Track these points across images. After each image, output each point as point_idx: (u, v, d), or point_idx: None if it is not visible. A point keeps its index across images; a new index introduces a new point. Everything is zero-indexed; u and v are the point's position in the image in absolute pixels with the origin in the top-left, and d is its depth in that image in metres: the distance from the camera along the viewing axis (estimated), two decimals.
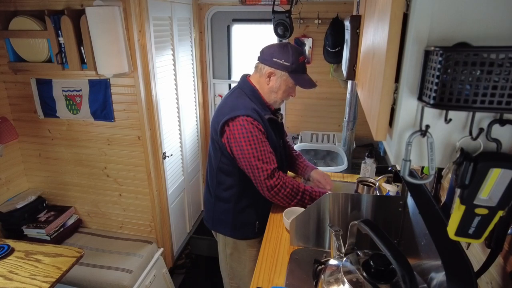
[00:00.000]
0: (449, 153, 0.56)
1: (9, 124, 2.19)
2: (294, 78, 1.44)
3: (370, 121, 0.75)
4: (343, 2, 2.49)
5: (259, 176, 1.42)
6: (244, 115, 1.40)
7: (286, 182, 1.46)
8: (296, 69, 1.43)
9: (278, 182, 1.44)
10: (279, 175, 1.45)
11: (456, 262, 0.76)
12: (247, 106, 1.44)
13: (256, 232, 1.63)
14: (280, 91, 1.48)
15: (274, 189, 1.44)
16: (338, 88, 2.72)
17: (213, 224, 1.70)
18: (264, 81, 1.49)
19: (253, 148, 1.40)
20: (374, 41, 0.77)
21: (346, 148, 2.50)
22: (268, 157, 1.42)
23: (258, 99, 1.51)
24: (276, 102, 1.53)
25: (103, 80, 2.04)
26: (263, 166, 1.41)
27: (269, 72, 1.46)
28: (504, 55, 0.44)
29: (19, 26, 1.93)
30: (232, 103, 1.49)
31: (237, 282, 1.75)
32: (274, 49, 1.46)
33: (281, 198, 1.47)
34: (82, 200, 2.43)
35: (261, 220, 1.61)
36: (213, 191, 1.64)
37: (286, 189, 1.46)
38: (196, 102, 2.87)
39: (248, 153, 1.40)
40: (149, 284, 2.18)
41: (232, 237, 1.65)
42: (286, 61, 1.42)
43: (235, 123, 1.41)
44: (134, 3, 1.88)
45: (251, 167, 1.42)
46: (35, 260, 1.60)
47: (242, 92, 1.52)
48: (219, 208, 1.63)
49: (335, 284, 0.86)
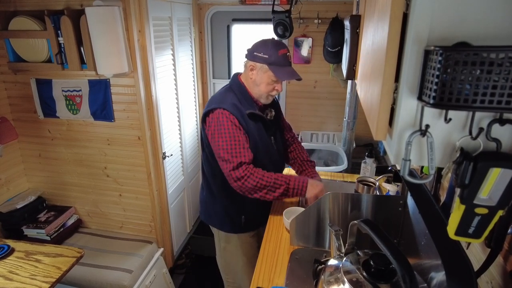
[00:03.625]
0: (449, 153, 0.56)
1: (9, 124, 2.19)
2: (273, 70, 1.46)
3: (370, 120, 0.75)
4: (343, 2, 2.49)
5: (226, 168, 1.44)
6: (221, 108, 1.45)
7: (253, 172, 1.43)
8: (275, 61, 1.46)
9: (245, 174, 1.42)
10: (247, 167, 1.43)
11: (456, 261, 0.77)
12: (225, 100, 1.49)
13: (242, 227, 1.65)
14: (262, 84, 1.50)
15: (241, 180, 1.42)
16: (338, 88, 2.73)
17: (205, 216, 1.74)
18: (248, 75, 1.53)
19: (223, 141, 1.43)
20: (374, 40, 0.77)
21: (346, 148, 2.50)
22: (239, 152, 1.43)
23: (244, 94, 1.54)
24: (261, 97, 1.54)
25: (103, 80, 2.04)
26: (229, 158, 1.42)
27: (251, 65, 1.51)
28: (504, 55, 0.44)
29: (19, 26, 1.93)
30: (213, 98, 1.56)
31: (232, 276, 1.76)
32: (256, 45, 1.52)
33: (249, 187, 1.43)
34: (82, 200, 2.43)
35: (247, 215, 1.63)
36: (204, 184, 1.70)
37: (253, 179, 1.42)
38: (196, 102, 2.87)
39: (218, 145, 1.44)
40: (149, 284, 2.18)
41: (221, 230, 1.69)
42: (265, 54, 1.46)
43: (213, 116, 1.46)
44: (134, 3, 1.88)
45: (220, 158, 1.46)
46: (35, 260, 1.60)
47: (229, 89, 1.57)
48: (209, 200, 1.68)
49: (335, 284, 0.86)
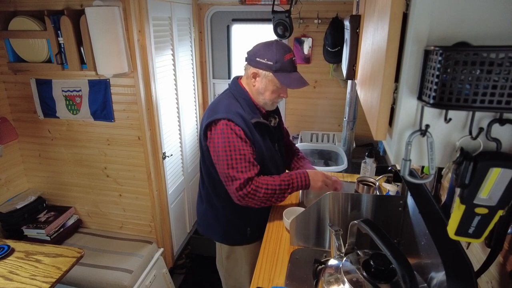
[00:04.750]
0: (449, 153, 0.56)
1: (9, 124, 2.19)
2: (279, 77, 1.34)
3: (370, 120, 0.75)
4: (343, 2, 2.49)
5: (231, 185, 1.34)
6: (225, 119, 1.33)
7: (258, 185, 1.35)
8: (281, 67, 1.34)
9: (250, 190, 1.34)
10: (252, 182, 1.35)
11: (456, 261, 0.77)
12: (229, 109, 1.36)
13: (248, 239, 1.57)
14: (267, 92, 1.39)
15: (248, 196, 1.35)
16: (338, 88, 2.73)
17: (204, 228, 1.65)
18: (250, 82, 1.42)
19: (227, 156, 1.32)
20: (374, 40, 0.77)
21: (346, 148, 2.50)
22: (245, 166, 1.33)
23: (247, 101, 1.43)
24: (266, 104, 1.44)
25: (102, 80, 2.04)
26: (235, 175, 1.32)
27: (253, 72, 1.38)
28: (504, 55, 0.44)
29: (18, 26, 1.93)
30: (215, 106, 1.43)
31: (233, 282, 1.73)
32: (258, 48, 1.38)
33: (258, 201, 1.38)
34: (82, 200, 2.43)
35: (253, 227, 1.55)
36: (204, 195, 1.59)
37: (260, 192, 1.36)
38: (196, 102, 2.87)
39: (223, 161, 1.33)
40: (149, 284, 2.18)
41: (224, 243, 1.61)
42: (269, 60, 1.33)
43: (217, 128, 1.34)
44: (134, 3, 1.88)
45: (224, 174, 1.36)
46: (35, 260, 1.60)
47: (230, 94, 1.45)
48: (210, 213, 1.58)
49: (335, 284, 0.86)
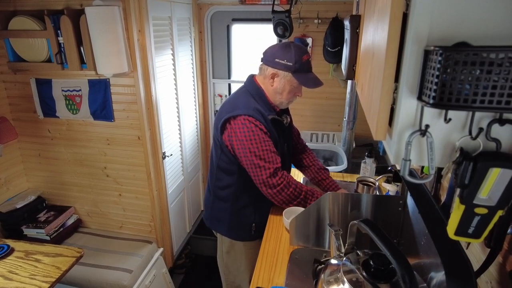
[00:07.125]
0: (448, 153, 0.56)
1: (8, 124, 2.19)
2: (298, 78, 1.40)
3: (370, 120, 0.75)
4: (343, 2, 2.49)
5: (261, 174, 1.39)
6: (246, 115, 1.38)
7: (290, 181, 1.43)
8: (299, 68, 1.40)
9: (282, 181, 1.40)
10: (283, 174, 1.41)
11: (456, 261, 0.77)
12: (248, 106, 1.42)
13: (252, 235, 1.60)
14: (285, 92, 1.45)
15: (277, 187, 1.40)
16: (338, 88, 2.72)
17: (211, 222, 1.69)
18: (268, 82, 1.46)
19: (254, 147, 1.37)
20: (373, 40, 0.77)
21: (346, 147, 2.50)
22: (271, 156, 1.39)
23: (262, 99, 1.48)
24: (282, 103, 1.50)
25: (102, 80, 2.04)
26: (265, 164, 1.37)
27: (272, 73, 1.43)
28: (504, 55, 0.44)
29: (18, 26, 1.92)
30: (235, 102, 1.48)
31: (233, 278, 1.75)
32: (276, 49, 1.43)
33: (283, 197, 1.43)
34: (82, 200, 2.43)
35: (258, 222, 1.58)
36: (212, 189, 1.63)
37: (289, 189, 1.42)
38: (196, 102, 2.87)
39: (250, 152, 1.37)
40: (149, 284, 2.18)
41: (228, 237, 1.64)
42: (289, 61, 1.39)
43: (237, 122, 1.39)
44: (134, 3, 1.88)
45: (253, 165, 1.39)
46: (35, 260, 1.60)
47: (247, 92, 1.50)
48: (217, 206, 1.62)
49: (335, 284, 0.86)
